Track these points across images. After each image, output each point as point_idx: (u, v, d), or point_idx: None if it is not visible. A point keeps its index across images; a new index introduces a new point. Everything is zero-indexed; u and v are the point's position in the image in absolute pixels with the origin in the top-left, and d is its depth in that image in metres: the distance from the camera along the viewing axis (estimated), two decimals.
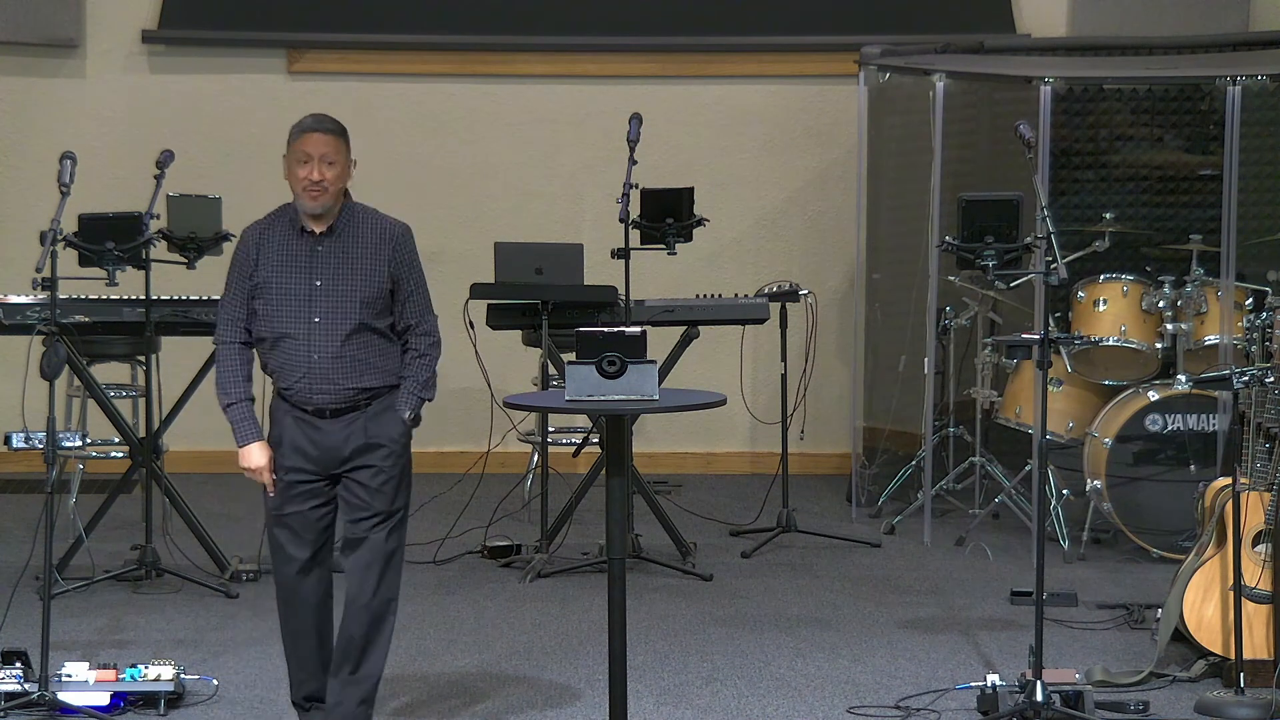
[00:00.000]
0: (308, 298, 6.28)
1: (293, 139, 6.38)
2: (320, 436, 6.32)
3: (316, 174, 6.30)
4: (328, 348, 6.26)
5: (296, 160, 6.34)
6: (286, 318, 6.29)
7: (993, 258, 7.62)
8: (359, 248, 6.34)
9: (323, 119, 6.38)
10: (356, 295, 6.28)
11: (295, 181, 6.35)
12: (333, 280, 6.28)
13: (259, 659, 7.52)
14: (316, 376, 6.27)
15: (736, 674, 7.37)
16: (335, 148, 6.33)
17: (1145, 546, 9.15)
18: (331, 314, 6.27)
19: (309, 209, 6.33)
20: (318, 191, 6.31)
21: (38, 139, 11.10)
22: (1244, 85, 9.21)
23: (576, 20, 11.40)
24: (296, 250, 6.33)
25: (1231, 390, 7.42)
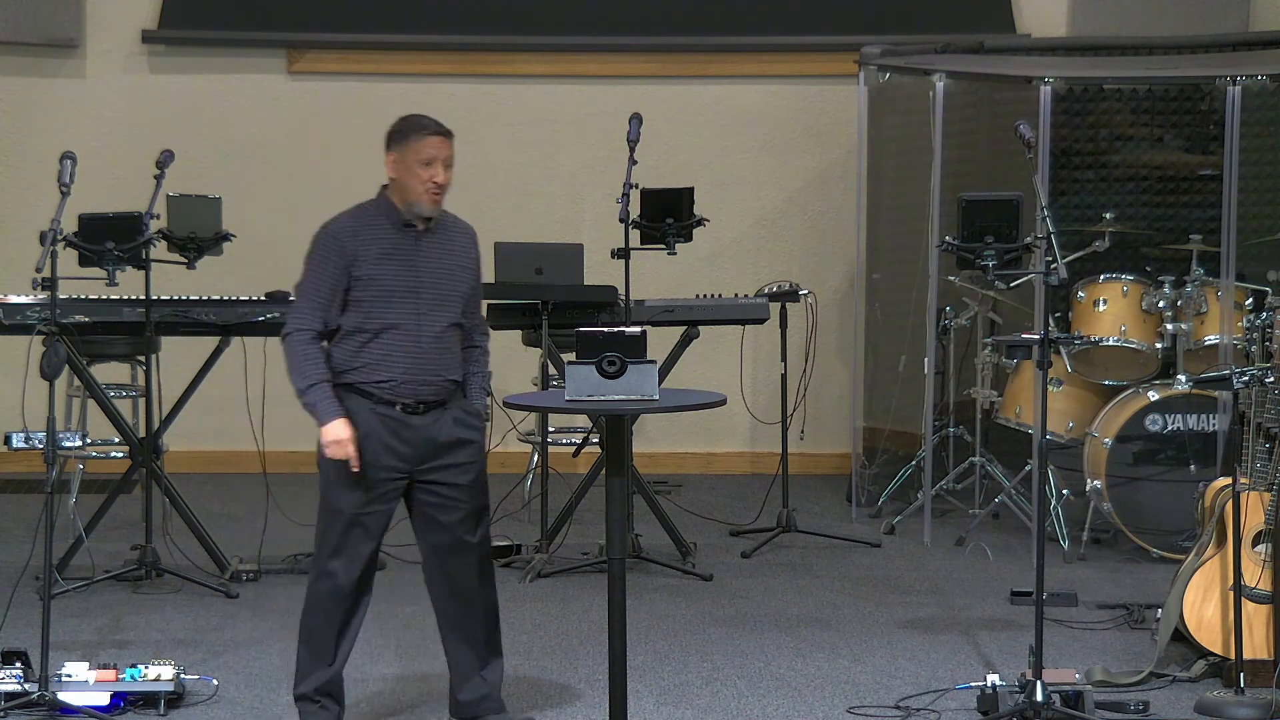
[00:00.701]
0: (414, 291, 6.33)
1: (410, 139, 6.40)
2: (410, 433, 6.33)
3: (441, 177, 6.39)
4: (432, 339, 6.33)
5: (419, 161, 6.37)
6: (394, 309, 6.31)
7: (993, 258, 7.62)
8: (454, 245, 6.47)
9: (438, 121, 6.45)
10: (457, 290, 6.41)
11: (416, 182, 6.37)
12: (436, 275, 6.37)
13: (259, 659, 7.53)
14: (422, 369, 6.31)
15: (736, 674, 7.37)
16: (452, 152, 6.45)
17: (1145, 546, 9.15)
18: (436, 307, 6.35)
19: (427, 211, 6.39)
20: (439, 194, 6.40)
21: (38, 139, 11.11)
22: (1244, 85, 9.21)
23: (576, 20, 11.40)
24: (400, 244, 6.36)
25: (1231, 390, 7.42)
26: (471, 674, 6.53)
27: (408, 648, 7.72)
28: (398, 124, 6.44)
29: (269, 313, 8.83)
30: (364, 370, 6.33)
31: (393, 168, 6.40)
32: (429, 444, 6.35)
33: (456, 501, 6.43)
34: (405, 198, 6.39)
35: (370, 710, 6.94)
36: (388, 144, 6.43)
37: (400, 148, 6.39)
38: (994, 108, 10.66)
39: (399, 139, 6.40)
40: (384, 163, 6.43)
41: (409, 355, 6.31)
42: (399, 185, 6.40)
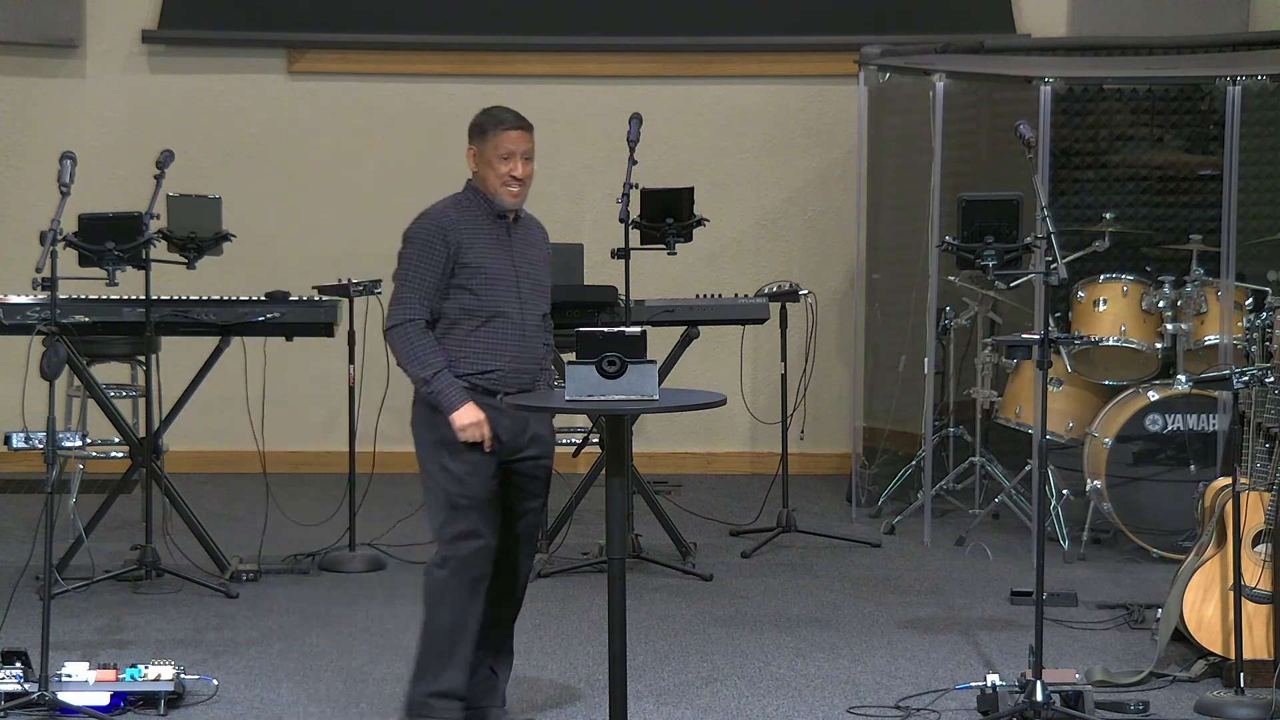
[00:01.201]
0: (515, 280, 6.40)
1: (489, 133, 6.43)
2: (510, 422, 6.38)
3: (521, 170, 6.40)
4: (533, 328, 6.41)
5: (497, 155, 6.40)
6: (502, 298, 6.36)
7: (993, 258, 7.61)
8: (535, 239, 6.53)
9: (519, 114, 6.46)
10: (545, 280, 6.51)
11: (495, 176, 6.40)
12: (528, 265, 6.45)
13: (259, 659, 7.53)
14: (524, 357, 6.38)
15: (736, 674, 7.37)
16: (532, 144, 6.45)
17: (1145, 546, 9.15)
18: (532, 296, 6.44)
19: (509, 205, 6.43)
20: (519, 187, 6.42)
21: (38, 139, 11.11)
22: (1244, 85, 9.21)
23: (576, 20, 11.40)
24: (497, 234, 6.42)
25: (1231, 390, 7.42)
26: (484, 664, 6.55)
27: (408, 647, 7.71)
28: (477, 118, 6.48)
29: (269, 313, 8.83)
30: (471, 359, 6.36)
31: (473, 162, 6.47)
32: (519, 436, 6.42)
33: (530, 494, 6.50)
34: (486, 192, 6.43)
35: (370, 710, 6.94)
36: (469, 138, 6.48)
37: (479, 142, 6.44)
38: (994, 108, 10.66)
39: (478, 133, 6.45)
40: (464, 156, 6.49)
41: (514, 343, 6.37)
42: (479, 179, 6.45)
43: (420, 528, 9.57)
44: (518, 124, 6.43)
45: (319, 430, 11.23)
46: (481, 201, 6.45)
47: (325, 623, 8.07)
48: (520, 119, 6.45)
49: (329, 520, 9.42)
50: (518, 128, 6.42)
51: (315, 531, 9.40)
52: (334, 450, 10.58)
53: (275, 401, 9.28)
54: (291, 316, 8.87)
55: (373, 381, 9.63)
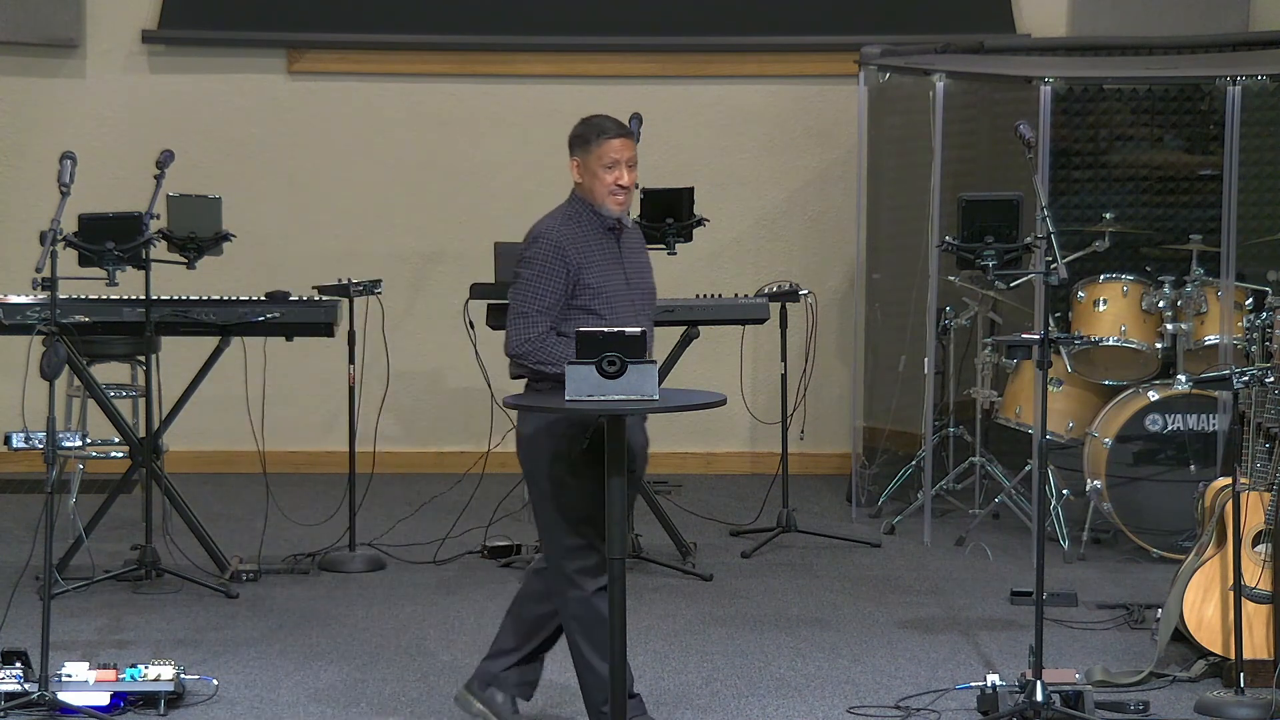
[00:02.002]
0: (628, 295, 6.38)
1: (592, 143, 6.36)
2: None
3: (625, 178, 6.35)
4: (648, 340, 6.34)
5: (602, 165, 6.34)
6: (619, 314, 6.32)
7: (993, 258, 7.62)
8: (639, 246, 6.51)
9: (620, 122, 6.42)
10: (652, 291, 6.49)
11: (600, 186, 6.35)
12: (637, 277, 6.43)
13: (259, 659, 7.53)
14: None
15: (736, 674, 7.37)
16: (634, 151, 6.41)
17: (1145, 546, 9.15)
18: (644, 309, 6.42)
19: (615, 213, 6.38)
20: (624, 196, 6.37)
21: (38, 139, 11.11)
22: (1244, 85, 9.21)
23: (576, 20, 11.40)
24: (609, 248, 6.39)
25: (1231, 390, 7.42)
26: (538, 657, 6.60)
27: (408, 647, 7.72)
28: (578, 128, 6.41)
29: (269, 313, 8.83)
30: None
31: (577, 172, 6.40)
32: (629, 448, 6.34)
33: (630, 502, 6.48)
34: (591, 202, 6.37)
35: (370, 710, 6.94)
36: (570, 149, 6.41)
37: (582, 152, 6.38)
38: (994, 108, 10.66)
39: (580, 144, 6.38)
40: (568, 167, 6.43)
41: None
42: (584, 189, 6.39)
43: (420, 527, 9.60)
44: (620, 132, 6.38)
45: (319, 430, 11.23)
46: (590, 214, 6.39)
47: (325, 623, 8.07)
48: (621, 126, 6.40)
49: (329, 520, 9.43)
50: (620, 135, 6.38)
51: (315, 531, 9.40)
52: (334, 450, 10.58)
53: (275, 401, 9.29)
54: (291, 316, 8.87)
55: (373, 381, 9.65)
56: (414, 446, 11.34)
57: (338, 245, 11.16)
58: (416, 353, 11.14)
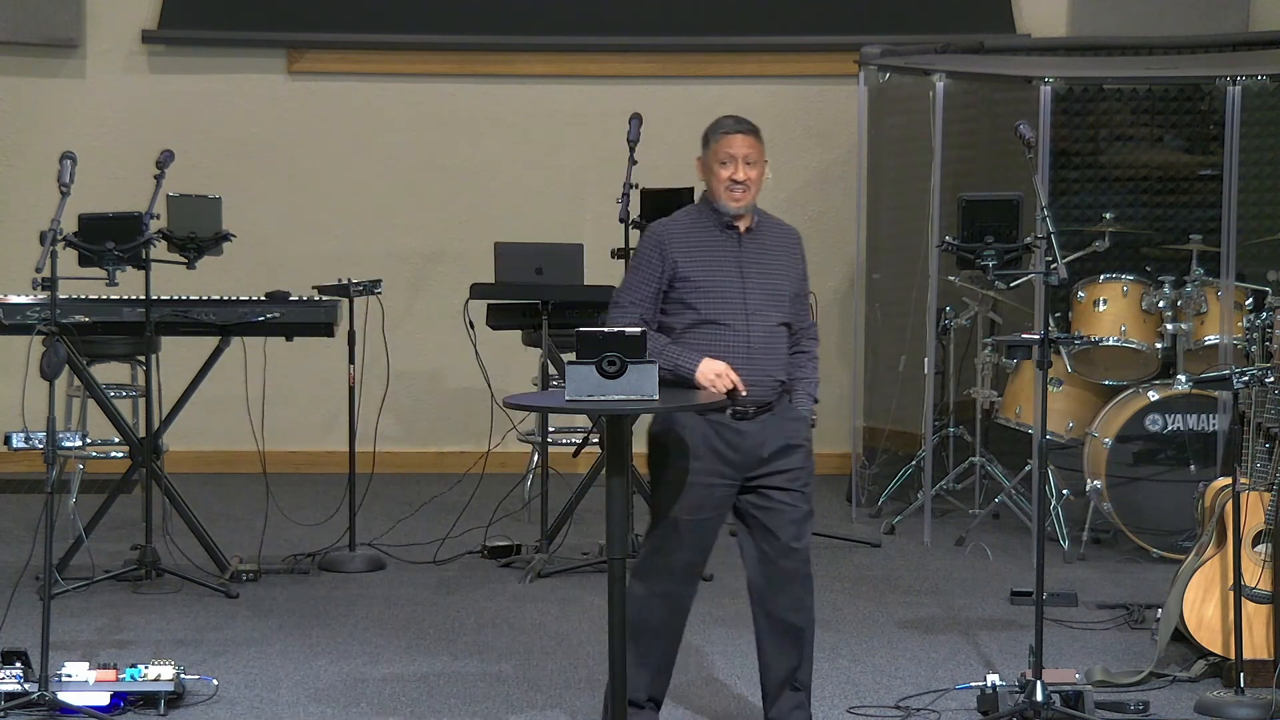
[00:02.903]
0: (741, 291, 6.32)
1: (712, 140, 6.40)
2: (739, 440, 6.31)
3: (741, 174, 6.33)
4: (761, 339, 6.31)
5: (718, 161, 6.37)
6: (721, 309, 6.29)
7: (993, 258, 7.61)
8: (777, 246, 6.44)
9: (741, 120, 6.41)
10: (784, 291, 6.39)
11: (717, 182, 6.37)
12: (761, 276, 6.35)
13: (259, 659, 7.53)
14: (750, 369, 6.28)
15: (736, 674, 7.37)
16: (756, 148, 6.38)
17: (1145, 546, 9.15)
18: (763, 307, 6.33)
19: (731, 210, 6.36)
20: (741, 192, 6.34)
21: (38, 139, 11.11)
22: (1244, 85, 9.21)
23: (576, 20, 11.40)
24: (723, 245, 6.34)
25: (1231, 390, 7.42)
26: (783, 685, 6.47)
27: (408, 648, 7.72)
28: (706, 128, 6.44)
29: (269, 313, 8.83)
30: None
31: (700, 171, 6.43)
32: (758, 451, 6.32)
33: (785, 506, 6.38)
34: (713, 199, 6.38)
35: (370, 710, 6.94)
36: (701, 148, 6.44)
37: (705, 151, 6.42)
38: (994, 108, 10.66)
39: (704, 143, 6.42)
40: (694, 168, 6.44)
41: (737, 356, 6.27)
42: (709, 189, 6.40)
43: (420, 527, 9.61)
44: (737, 128, 6.38)
45: (319, 430, 11.23)
46: (710, 212, 6.39)
47: (325, 623, 8.07)
48: (740, 123, 6.39)
49: (329, 520, 9.42)
50: (738, 131, 6.37)
51: (315, 531, 9.40)
52: (334, 450, 10.58)
53: (275, 401, 9.28)
54: (291, 316, 8.87)
55: (373, 381, 9.64)
56: (414, 446, 11.34)
57: (338, 245, 11.16)
58: (416, 353, 11.14)
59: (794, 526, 6.40)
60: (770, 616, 6.46)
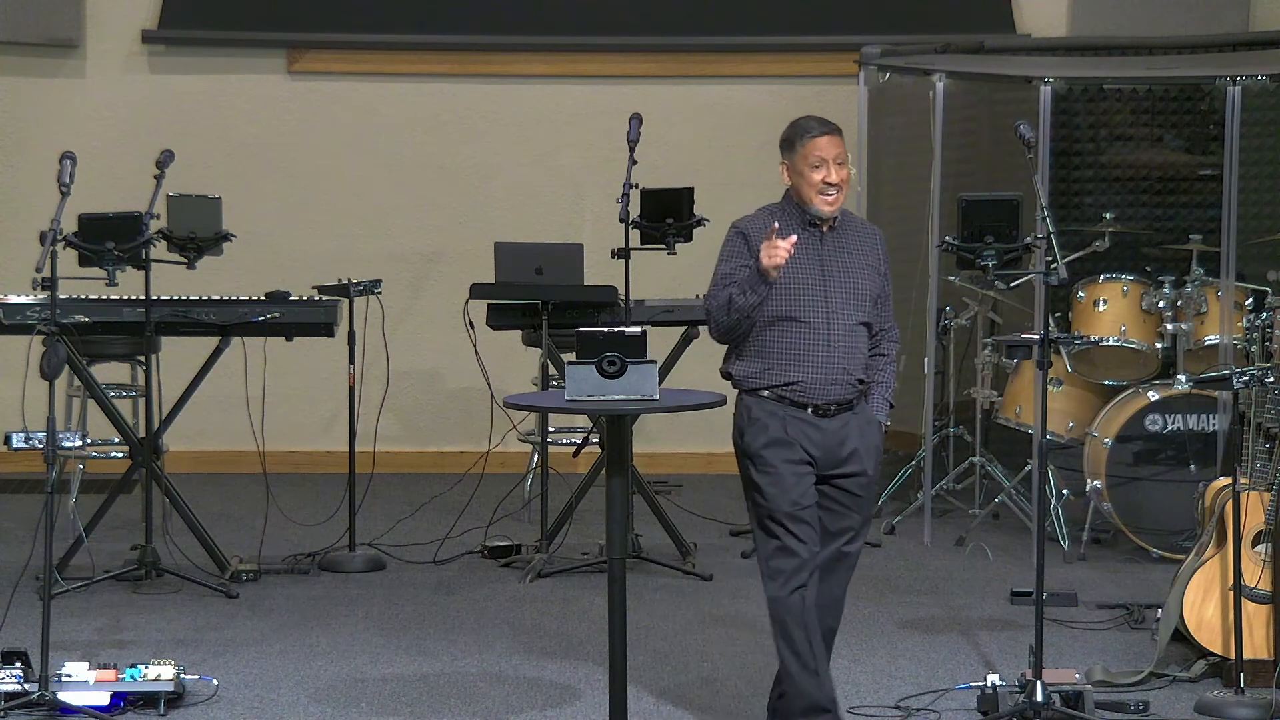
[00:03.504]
0: (822, 287, 6.26)
1: (798, 143, 6.29)
2: (820, 436, 6.27)
3: (834, 176, 6.26)
4: (840, 337, 6.25)
5: (808, 164, 6.26)
6: (800, 304, 6.24)
7: (993, 258, 7.61)
8: (859, 245, 6.38)
9: (824, 120, 6.32)
10: (865, 291, 6.33)
11: (808, 186, 6.27)
12: (843, 274, 6.29)
13: (259, 659, 7.53)
14: (831, 366, 6.25)
15: (736, 674, 7.37)
16: (842, 148, 6.32)
17: (1145, 546, 9.15)
18: (844, 305, 6.28)
19: (825, 213, 6.29)
20: (835, 194, 6.28)
21: (38, 139, 11.11)
22: (1244, 85, 9.21)
23: (576, 20, 11.40)
24: (806, 242, 6.27)
25: (1231, 390, 7.43)
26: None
27: (408, 648, 7.72)
28: (785, 132, 6.35)
29: (269, 313, 8.83)
30: (774, 372, 6.25)
31: (786, 175, 6.34)
32: (835, 450, 6.29)
33: (848, 511, 6.36)
34: (802, 202, 6.30)
35: (370, 710, 6.94)
36: (781, 153, 6.34)
37: (790, 154, 6.31)
38: (994, 108, 10.66)
39: (787, 146, 6.32)
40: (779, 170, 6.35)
41: (818, 353, 6.23)
42: (794, 191, 6.32)
43: (420, 527, 9.61)
44: (824, 130, 6.28)
45: (319, 430, 11.23)
46: (793, 209, 6.32)
47: (325, 623, 8.07)
48: (826, 124, 6.30)
49: (329, 520, 9.43)
50: (825, 134, 6.27)
51: (315, 531, 9.40)
52: (334, 450, 10.58)
53: (275, 401, 9.28)
54: (291, 316, 8.87)
55: (373, 381, 9.65)
56: (414, 446, 11.34)
57: (338, 245, 11.16)
58: (416, 353, 11.14)
59: (850, 533, 6.38)
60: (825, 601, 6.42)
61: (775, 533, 6.28)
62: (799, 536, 6.26)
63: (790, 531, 6.26)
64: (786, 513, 6.25)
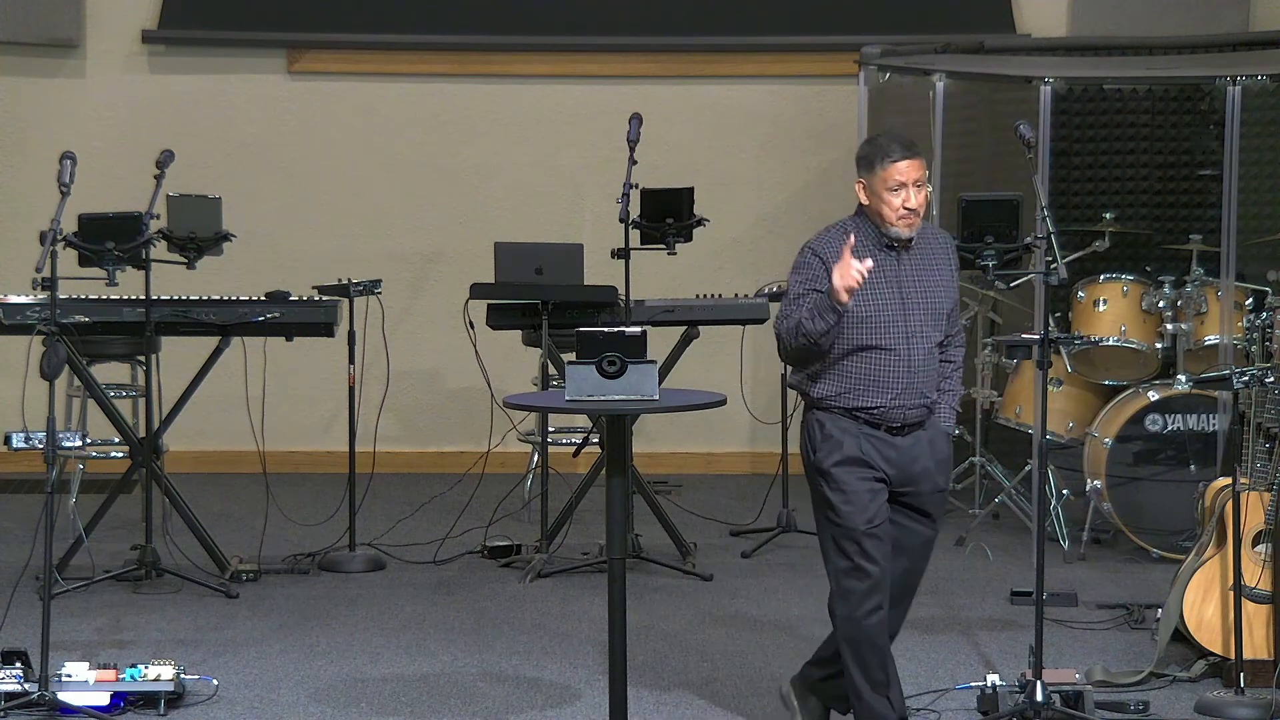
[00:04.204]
0: (902, 312, 6.12)
1: (878, 164, 6.10)
2: (895, 454, 6.18)
3: (914, 200, 6.13)
4: (919, 360, 6.14)
5: (887, 187, 6.09)
6: (881, 331, 6.10)
7: (993, 258, 7.61)
8: (934, 260, 6.24)
9: (906, 141, 6.16)
10: (942, 309, 6.21)
11: (888, 210, 6.10)
12: (920, 294, 6.17)
13: (259, 659, 7.53)
14: (911, 390, 6.13)
15: (736, 674, 7.37)
16: (922, 170, 6.15)
17: (1145, 546, 9.15)
18: (923, 327, 6.16)
19: (904, 236, 6.14)
20: (914, 218, 6.15)
21: (38, 139, 11.11)
22: (1244, 85, 9.21)
23: (576, 20, 11.41)
24: (883, 264, 6.12)
25: (1231, 390, 7.42)
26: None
27: (407, 647, 7.72)
28: (863, 149, 6.20)
29: (269, 313, 8.83)
30: (853, 395, 6.13)
31: (862, 194, 6.16)
32: (908, 467, 6.20)
33: (918, 528, 6.31)
34: (878, 223, 6.15)
35: (370, 710, 6.94)
36: (857, 170, 6.18)
37: (867, 175, 6.14)
38: (994, 108, 10.66)
39: (865, 166, 6.15)
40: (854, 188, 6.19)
41: (899, 378, 6.12)
42: (871, 211, 6.16)
43: (420, 527, 9.61)
44: (905, 154, 6.11)
45: (319, 430, 11.24)
46: (868, 230, 6.16)
47: (325, 623, 8.07)
48: (908, 147, 6.12)
49: (329, 520, 9.43)
50: (906, 158, 6.09)
51: (315, 531, 9.41)
52: (334, 450, 10.59)
53: (275, 401, 9.29)
54: (291, 316, 8.87)
55: (373, 381, 9.65)
56: (414, 446, 11.34)
57: (338, 245, 11.16)
58: (416, 353, 11.15)
59: (921, 549, 6.35)
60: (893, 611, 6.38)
61: (848, 552, 6.21)
62: (872, 556, 6.19)
63: (864, 550, 6.19)
64: (862, 531, 6.18)
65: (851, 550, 6.20)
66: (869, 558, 6.18)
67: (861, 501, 6.17)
